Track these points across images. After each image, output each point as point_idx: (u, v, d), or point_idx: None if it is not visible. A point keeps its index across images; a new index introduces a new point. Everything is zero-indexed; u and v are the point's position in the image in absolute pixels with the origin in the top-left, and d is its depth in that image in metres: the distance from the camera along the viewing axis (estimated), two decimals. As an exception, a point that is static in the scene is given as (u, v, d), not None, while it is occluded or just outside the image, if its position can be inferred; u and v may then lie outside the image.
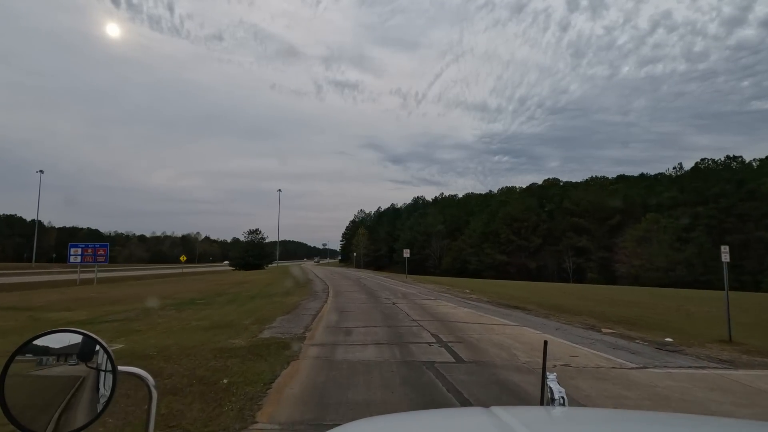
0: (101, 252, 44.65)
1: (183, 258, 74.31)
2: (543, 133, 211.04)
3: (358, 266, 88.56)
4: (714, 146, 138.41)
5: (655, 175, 79.39)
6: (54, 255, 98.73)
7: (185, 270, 75.43)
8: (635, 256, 53.01)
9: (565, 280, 61.57)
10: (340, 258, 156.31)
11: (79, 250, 44.20)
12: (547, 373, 1.47)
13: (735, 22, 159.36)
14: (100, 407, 0.91)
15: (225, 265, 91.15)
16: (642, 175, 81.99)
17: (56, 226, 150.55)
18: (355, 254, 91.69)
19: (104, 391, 0.92)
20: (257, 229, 78.68)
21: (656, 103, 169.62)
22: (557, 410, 1.37)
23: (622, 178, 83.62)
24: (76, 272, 42.22)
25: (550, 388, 1.43)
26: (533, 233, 68.25)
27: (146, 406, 1.02)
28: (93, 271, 41.49)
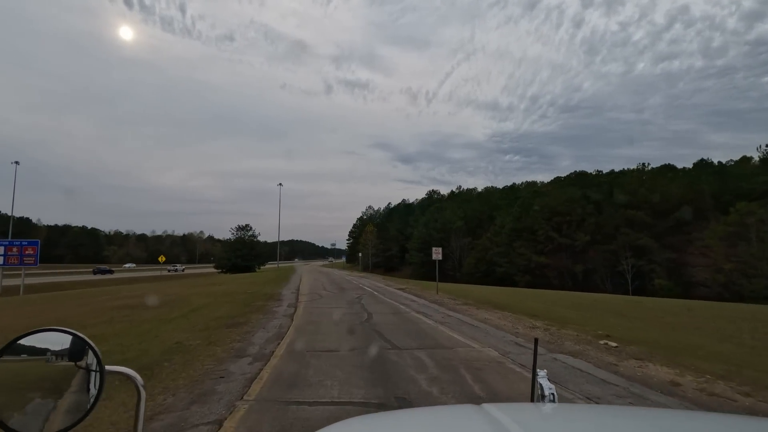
0: (29, 251, 33.88)
1: (162, 258, 64.18)
2: (555, 131, 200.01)
3: (365, 268, 76.89)
4: (731, 144, 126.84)
5: (715, 162, 67.08)
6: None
7: (162, 273, 65.34)
8: (724, 259, 40.71)
9: (623, 287, 49.35)
10: (345, 258, 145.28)
11: (2, 249, 33.79)
12: (538, 370, 1.44)
13: (755, 16, 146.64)
14: (87, 407, 0.88)
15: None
16: (702, 161, 69.17)
17: (48, 224, 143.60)
18: (361, 255, 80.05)
19: (94, 390, 0.90)
20: (247, 225, 67.58)
21: (672, 100, 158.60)
22: (548, 407, 1.34)
23: (667, 168, 71.19)
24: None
25: (541, 384, 1.39)
26: (578, 229, 56.03)
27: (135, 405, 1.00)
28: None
